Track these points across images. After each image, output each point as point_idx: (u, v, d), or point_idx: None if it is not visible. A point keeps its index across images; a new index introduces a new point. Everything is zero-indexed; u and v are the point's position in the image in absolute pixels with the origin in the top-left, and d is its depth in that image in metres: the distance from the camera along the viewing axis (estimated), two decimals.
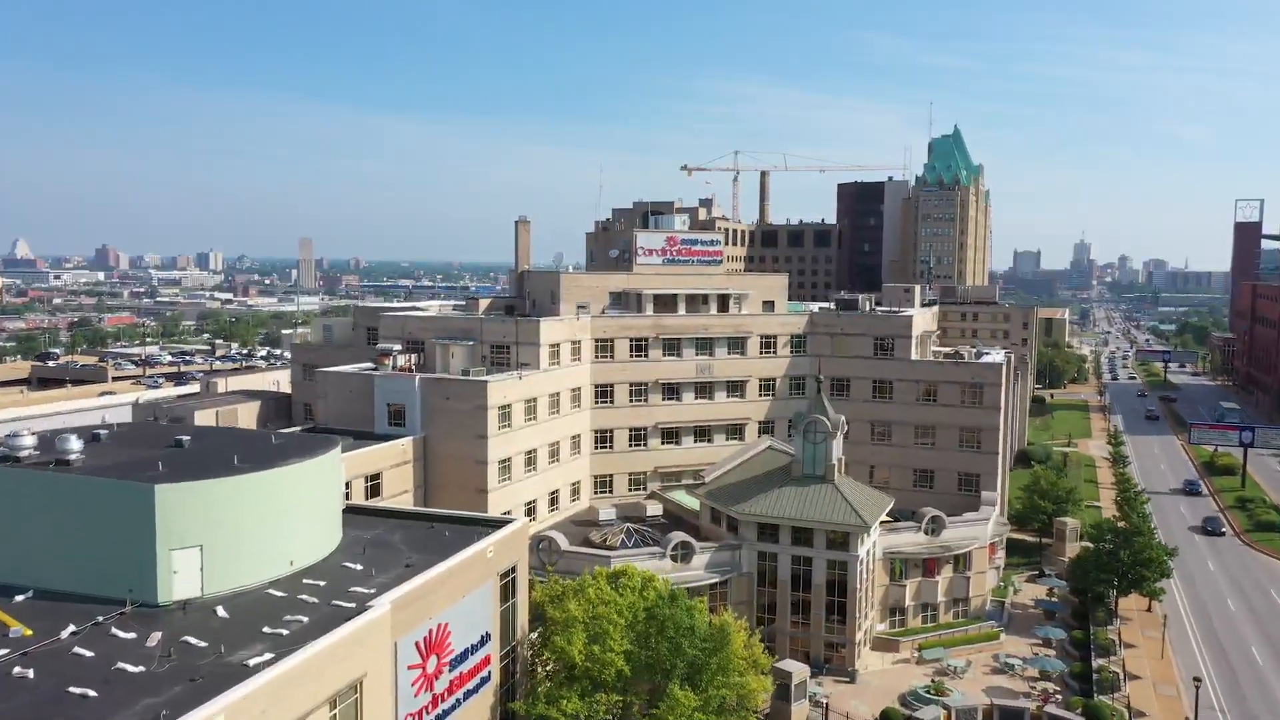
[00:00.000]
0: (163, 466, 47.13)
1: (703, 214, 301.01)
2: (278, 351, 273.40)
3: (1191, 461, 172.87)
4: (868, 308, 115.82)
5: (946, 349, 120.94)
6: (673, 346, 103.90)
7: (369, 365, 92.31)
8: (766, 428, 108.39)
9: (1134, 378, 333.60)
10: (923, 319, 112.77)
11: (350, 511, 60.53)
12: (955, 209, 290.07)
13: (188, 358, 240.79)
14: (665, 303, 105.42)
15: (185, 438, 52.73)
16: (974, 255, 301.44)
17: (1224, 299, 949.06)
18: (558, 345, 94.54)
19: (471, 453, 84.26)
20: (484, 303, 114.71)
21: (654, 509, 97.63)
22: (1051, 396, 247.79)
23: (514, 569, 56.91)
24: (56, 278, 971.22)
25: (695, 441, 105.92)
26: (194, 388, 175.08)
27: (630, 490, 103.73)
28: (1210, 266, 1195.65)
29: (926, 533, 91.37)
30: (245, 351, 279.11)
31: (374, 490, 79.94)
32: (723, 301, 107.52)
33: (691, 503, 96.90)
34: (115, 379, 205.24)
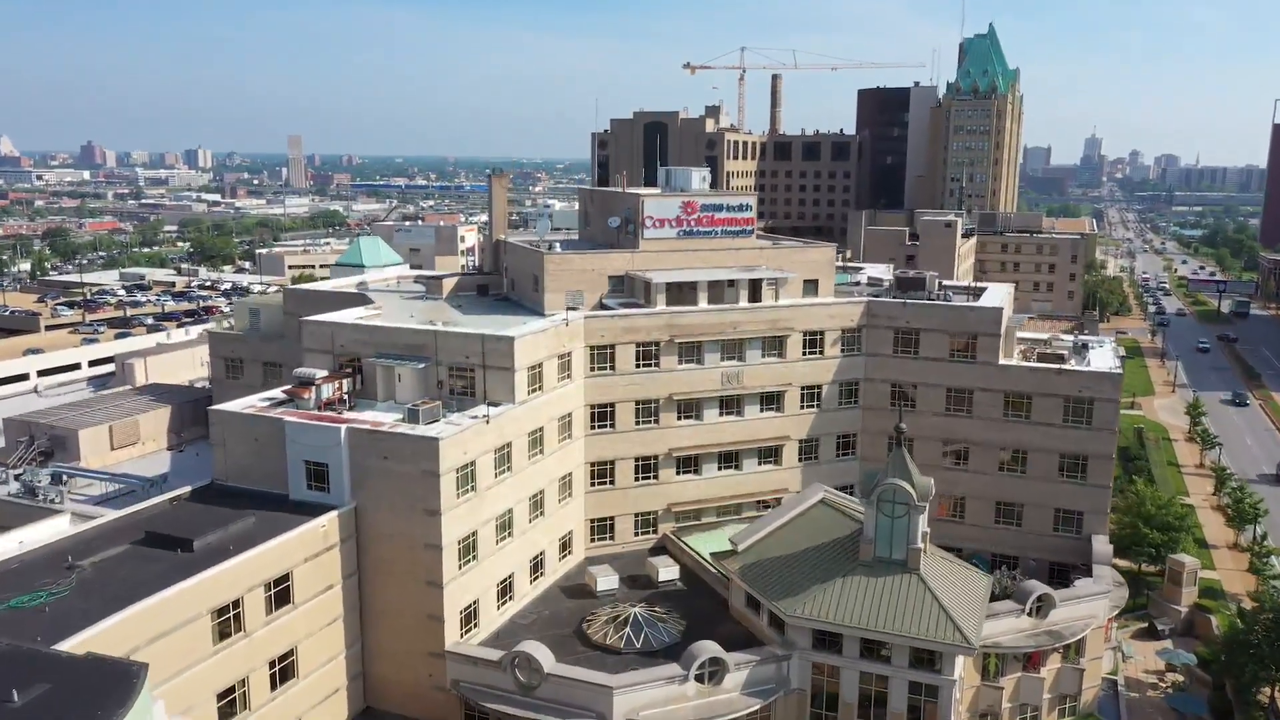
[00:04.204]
0: None
1: (710, 125, 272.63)
2: (245, 284, 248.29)
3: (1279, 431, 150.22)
4: (936, 287, 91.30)
5: (1036, 336, 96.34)
6: (691, 351, 79.91)
7: (283, 398, 68.29)
8: (809, 448, 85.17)
9: (1168, 289, 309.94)
10: (1009, 308, 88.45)
11: None
12: (991, 120, 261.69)
13: (139, 297, 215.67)
14: (681, 292, 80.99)
15: None
16: (1007, 171, 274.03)
17: (1241, 197, 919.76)
18: (539, 365, 70.55)
19: (420, 533, 61.08)
20: (449, 283, 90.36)
21: (667, 570, 74.97)
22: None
23: None
24: (39, 178, 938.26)
25: (720, 469, 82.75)
26: (139, 340, 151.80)
27: (637, 534, 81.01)
28: (1223, 162, 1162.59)
29: (1030, 614, 68.94)
30: (210, 282, 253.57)
31: (281, 598, 57.08)
32: (754, 288, 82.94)
33: (716, 546, 75.01)
34: (50, 327, 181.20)
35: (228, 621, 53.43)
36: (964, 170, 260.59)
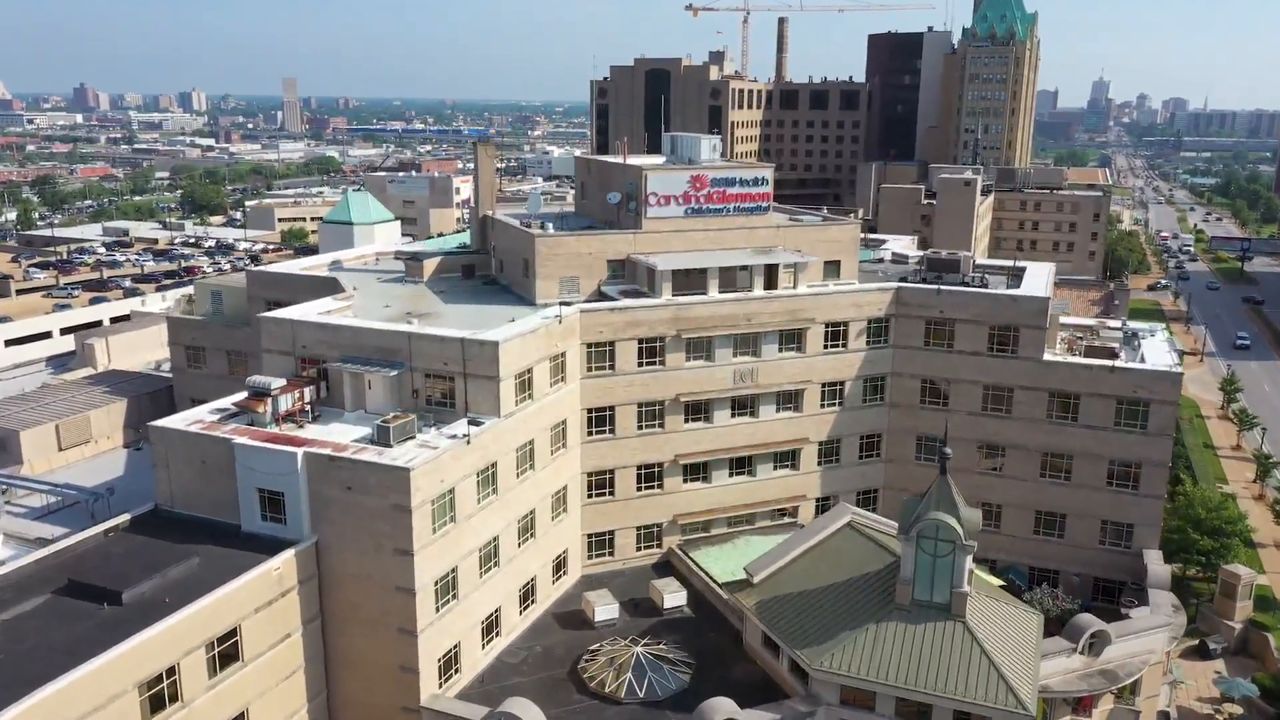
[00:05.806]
0: None
1: (714, 72, 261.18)
2: (230, 241, 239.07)
3: None
4: (970, 268, 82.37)
5: (1080, 322, 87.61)
6: (700, 346, 71.22)
7: (235, 410, 59.76)
8: (830, 450, 76.93)
9: (1193, 253, 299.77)
10: (1052, 292, 79.69)
11: None
12: (1008, 68, 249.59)
13: (118, 256, 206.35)
14: (689, 278, 72.19)
15: None
16: (1023, 123, 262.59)
17: (1250, 143, 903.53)
18: (529, 370, 61.98)
19: (390, 575, 53.03)
20: (430, 264, 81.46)
21: (673, 596, 67.03)
22: None
23: None
24: (30, 121, 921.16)
25: (731, 475, 74.54)
26: (113, 306, 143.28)
27: (639, 548, 73.02)
28: (1232, 105, 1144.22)
29: (1083, 653, 61.26)
30: (194, 239, 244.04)
31: (228, 657, 49.14)
32: (770, 274, 74.17)
33: (728, 564, 67.57)
34: (21, 291, 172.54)
35: (161, 693, 45.57)
36: (979, 121, 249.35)
